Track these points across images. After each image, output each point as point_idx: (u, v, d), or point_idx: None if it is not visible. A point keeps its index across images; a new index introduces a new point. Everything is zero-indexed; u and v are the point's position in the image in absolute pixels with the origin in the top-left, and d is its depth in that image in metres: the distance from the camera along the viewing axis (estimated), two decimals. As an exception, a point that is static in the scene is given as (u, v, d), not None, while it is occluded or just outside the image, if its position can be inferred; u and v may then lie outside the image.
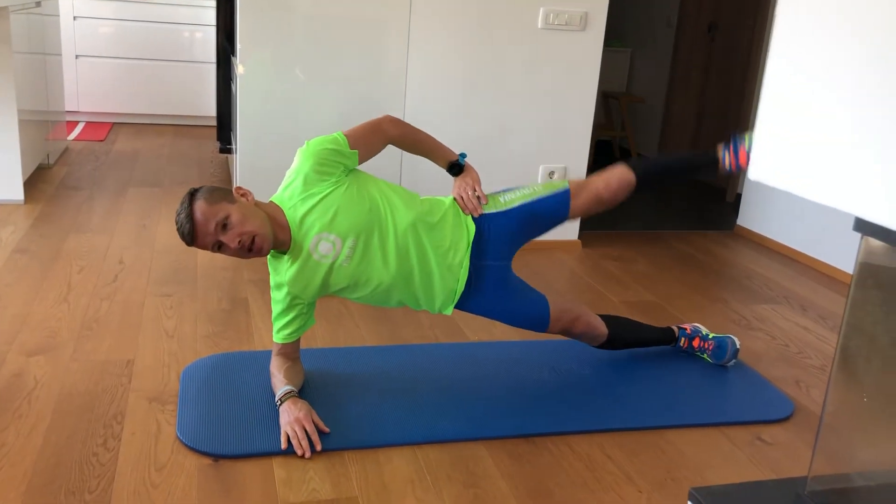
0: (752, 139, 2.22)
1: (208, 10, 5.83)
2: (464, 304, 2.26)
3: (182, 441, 1.99)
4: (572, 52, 3.60)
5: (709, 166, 2.41)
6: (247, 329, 2.68)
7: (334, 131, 2.14)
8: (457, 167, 2.29)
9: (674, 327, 2.68)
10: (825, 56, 1.08)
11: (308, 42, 3.33)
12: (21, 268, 3.06)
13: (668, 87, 5.90)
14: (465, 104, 3.57)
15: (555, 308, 2.31)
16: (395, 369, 2.45)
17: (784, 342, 2.92)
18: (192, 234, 1.98)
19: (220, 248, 2.01)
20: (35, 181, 4.26)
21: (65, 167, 4.65)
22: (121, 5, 5.80)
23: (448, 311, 2.23)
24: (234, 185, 3.85)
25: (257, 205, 2.08)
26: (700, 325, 2.70)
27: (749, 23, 5.15)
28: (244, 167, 3.43)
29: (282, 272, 2.14)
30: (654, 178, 2.40)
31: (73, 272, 3.06)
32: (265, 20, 3.27)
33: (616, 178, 2.31)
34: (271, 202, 2.12)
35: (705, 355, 2.63)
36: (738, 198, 4.63)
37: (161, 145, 5.50)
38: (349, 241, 2.08)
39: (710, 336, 2.63)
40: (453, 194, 2.27)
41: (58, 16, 4.97)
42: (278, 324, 2.21)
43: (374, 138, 2.18)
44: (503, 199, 2.29)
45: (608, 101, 6.37)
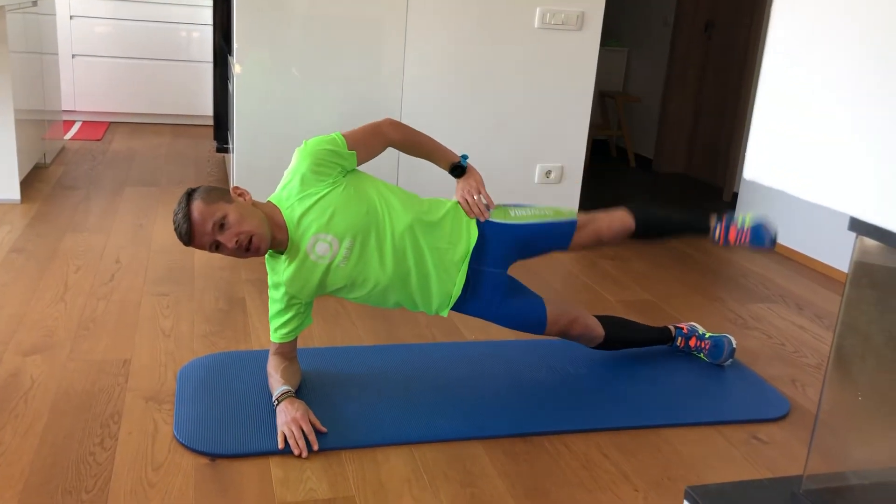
0: (745, 220, 2.40)
1: (205, 10, 5.82)
2: (461, 306, 2.26)
3: (179, 440, 2.00)
4: (569, 51, 3.61)
5: (700, 233, 2.53)
6: (244, 329, 2.69)
7: (331, 131, 2.14)
8: (459, 169, 2.28)
9: (670, 327, 2.68)
10: (823, 53, 1.08)
11: (305, 41, 3.33)
12: (18, 267, 3.06)
13: (664, 86, 5.91)
14: (461, 104, 3.57)
15: (552, 311, 2.31)
16: (392, 369, 2.45)
17: (780, 341, 2.92)
18: (189, 234, 1.98)
19: (217, 247, 2.01)
20: (31, 181, 4.26)
21: (61, 167, 4.65)
22: (117, 5, 5.80)
23: (444, 313, 2.24)
24: (231, 184, 3.85)
25: (255, 204, 2.08)
26: (697, 325, 2.70)
27: (745, 22, 5.16)
28: (241, 167, 3.43)
29: (279, 272, 2.14)
30: (650, 232, 2.50)
31: (70, 272, 3.05)
32: (262, 20, 3.27)
33: (618, 221, 2.40)
34: (269, 202, 2.12)
35: (702, 354, 2.64)
36: (735, 197, 4.63)
37: (158, 145, 5.49)
38: (346, 242, 2.08)
39: (707, 335, 2.64)
40: (457, 197, 2.26)
41: (54, 15, 4.96)
42: (275, 323, 2.21)
43: (373, 141, 2.18)
44: (513, 213, 2.30)
45: (605, 100, 6.37)
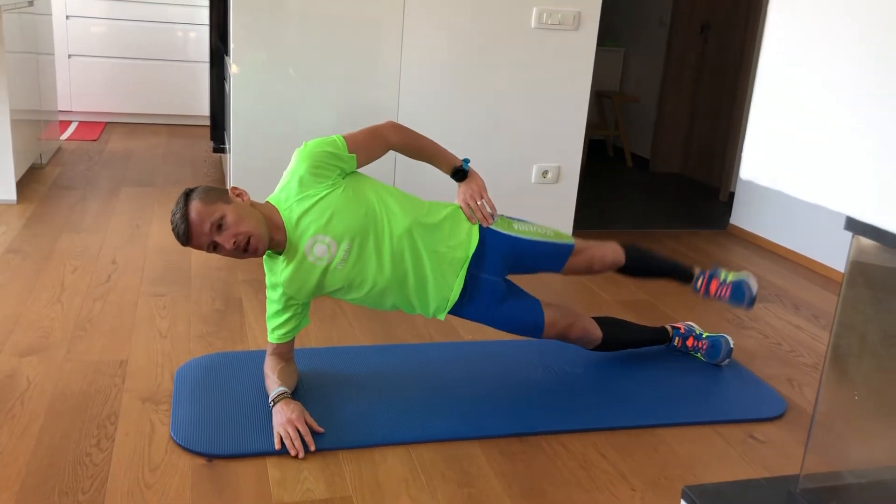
0: (727, 276, 2.52)
1: (202, 10, 5.82)
2: (458, 310, 2.26)
3: (176, 441, 1.99)
4: (566, 51, 3.61)
5: (684, 280, 2.63)
6: (240, 329, 2.68)
7: (328, 131, 2.13)
8: (460, 173, 2.27)
9: (667, 327, 2.68)
10: (821, 52, 1.08)
11: (302, 42, 3.33)
12: (14, 268, 3.05)
13: (661, 86, 5.91)
14: (458, 104, 3.57)
15: (549, 314, 2.31)
16: (389, 369, 2.45)
17: (777, 340, 2.93)
18: (187, 235, 1.97)
19: (215, 248, 2.00)
20: (28, 181, 4.25)
21: (58, 167, 4.64)
22: (114, 4, 5.79)
23: (441, 316, 2.24)
24: (227, 184, 3.85)
25: (253, 205, 2.07)
26: (694, 324, 2.70)
27: (741, 23, 5.17)
28: (238, 167, 3.42)
29: (277, 273, 2.14)
30: (637, 271, 2.59)
31: (67, 272, 3.05)
32: (258, 20, 3.27)
33: (611, 254, 2.47)
34: (267, 202, 2.12)
35: (699, 354, 2.64)
36: (731, 196, 4.64)
37: (154, 145, 5.48)
38: (344, 244, 2.08)
39: (704, 335, 2.64)
40: (459, 202, 2.26)
41: (50, 15, 4.95)
42: (273, 323, 2.21)
43: (374, 144, 2.17)
44: (516, 226, 2.31)
45: (601, 100, 6.38)
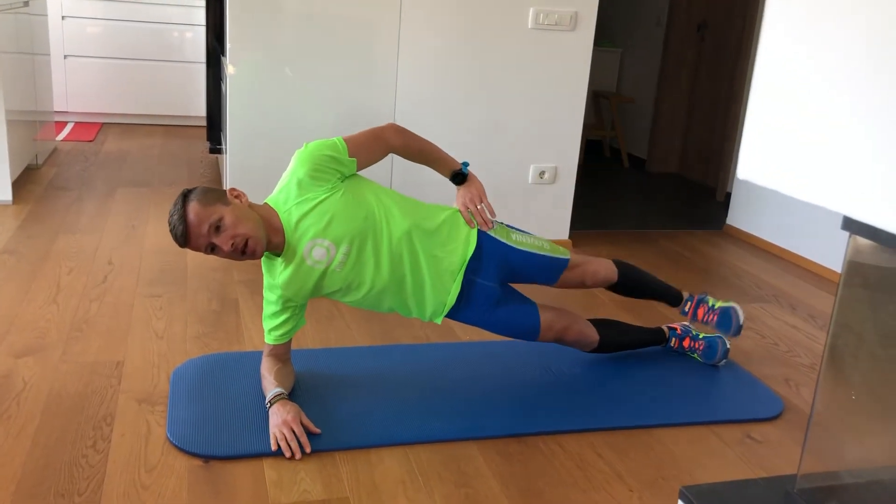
0: (715, 303, 2.56)
1: (198, 10, 5.81)
2: (454, 314, 2.25)
3: (172, 442, 1.99)
4: (562, 52, 3.61)
5: (673, 302, 2.67)
6: (237, 330, 2.68)
7: (324, 131, 2.13)
8: (460, 176, 2.27)
9: (664, 327, 2.68)
10: (818, 52, 1.08)
11: (298, 42, 3.33)
12: (9, 269, 3.05)
13: (657, 86, 5.92)
14: (455, 104, 3.57)
15: (545, 317, 2.31)
16: (385, 370, 2.45)
17: (774, 341, 2.93)
18: (185, 236, 1.97)
19: (213, 250, 2.00)
20: (23, 182, 4.24)
21: (53, 168, 4.63)
22: (109, 5, 5.78)
23: (438, 320, 2.23)
24: (224, 185, 3.84)
25: (251, 207, 2.06)
26: (690, 325, 2.70)
27: (738, 22, 5.17)
28: (234, 167, 3.42)
29: (275, 275, 2.13)
30: (628, 290, 2.60)
31: (63, 273, 3.04)
32: (255, 20, 3.26)
33: (604, 271, 2.49)
34: (266, 204, 2.11)
35: (696, 355, 2.64)
36: (728, 197, 4.65)
37: (150, 146, 5.48)
38: (343, 248, 2.07)
39: (701, 336, 2.64)
40: (458, 205, 2.26)
41: (46, 15, 4.94)
42: (270, 325, 2.20)
43: (375, 146, 2.16)
44: (514, 236, 2.31)
45: (598, 100, 6.38)
